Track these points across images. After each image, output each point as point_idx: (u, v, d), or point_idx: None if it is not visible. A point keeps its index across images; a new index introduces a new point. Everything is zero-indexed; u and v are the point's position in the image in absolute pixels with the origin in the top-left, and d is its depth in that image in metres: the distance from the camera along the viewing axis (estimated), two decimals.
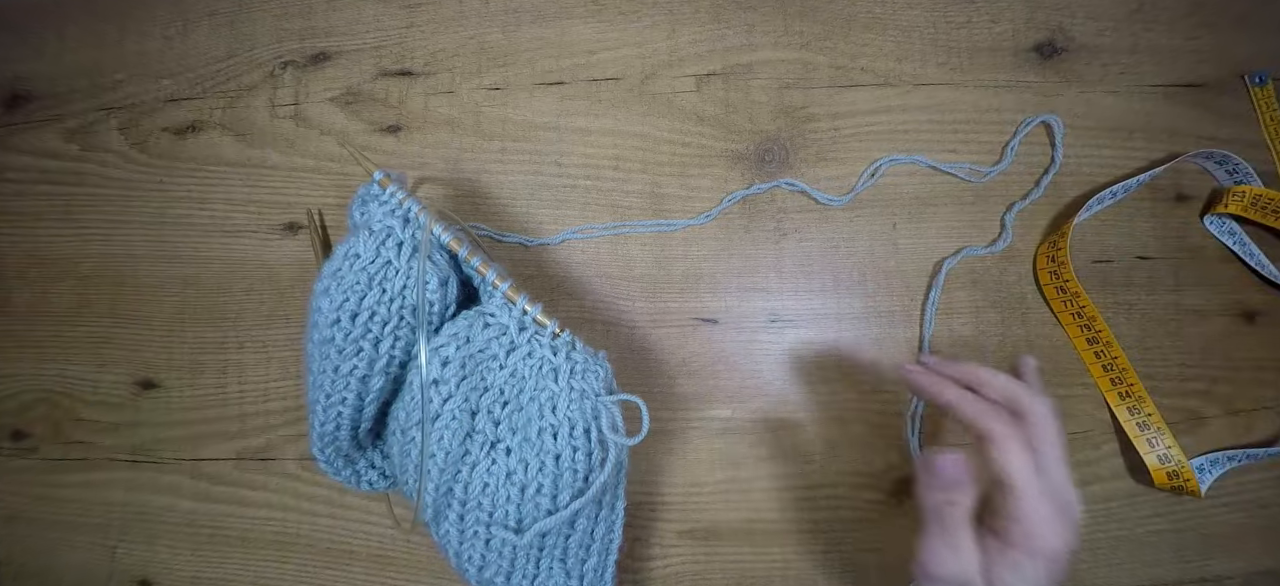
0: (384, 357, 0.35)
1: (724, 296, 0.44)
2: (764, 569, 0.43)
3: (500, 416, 0.33)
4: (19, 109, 0.49)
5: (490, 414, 0.33)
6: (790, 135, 0.45)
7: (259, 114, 0.47)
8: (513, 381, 0.33)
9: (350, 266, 0.33)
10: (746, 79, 0.46)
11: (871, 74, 0.46)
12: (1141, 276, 0.44)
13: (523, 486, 0.33)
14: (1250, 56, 0.46)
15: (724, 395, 0.44)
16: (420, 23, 0.47)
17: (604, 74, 0.46)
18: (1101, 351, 0.42)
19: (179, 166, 0.47)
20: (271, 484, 0.44)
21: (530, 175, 0.45)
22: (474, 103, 0.46)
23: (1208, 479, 0.41)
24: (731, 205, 0.45)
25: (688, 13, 0.47)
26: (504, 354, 0.33)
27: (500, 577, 0.35)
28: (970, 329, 0.44)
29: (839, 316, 0.44)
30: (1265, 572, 0.42)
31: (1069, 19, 0.46)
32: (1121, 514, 0.43)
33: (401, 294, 0.34)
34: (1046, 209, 0.45)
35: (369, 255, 0.33)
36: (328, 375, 0.35)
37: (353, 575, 0.44)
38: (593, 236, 0.45)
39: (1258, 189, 0.43)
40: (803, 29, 0.46)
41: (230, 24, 0.48)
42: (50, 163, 0.48)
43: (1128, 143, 0.45)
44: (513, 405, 0.33)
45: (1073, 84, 0.46)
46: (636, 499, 0.43)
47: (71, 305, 0.47)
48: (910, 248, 0.44)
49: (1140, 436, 0.42)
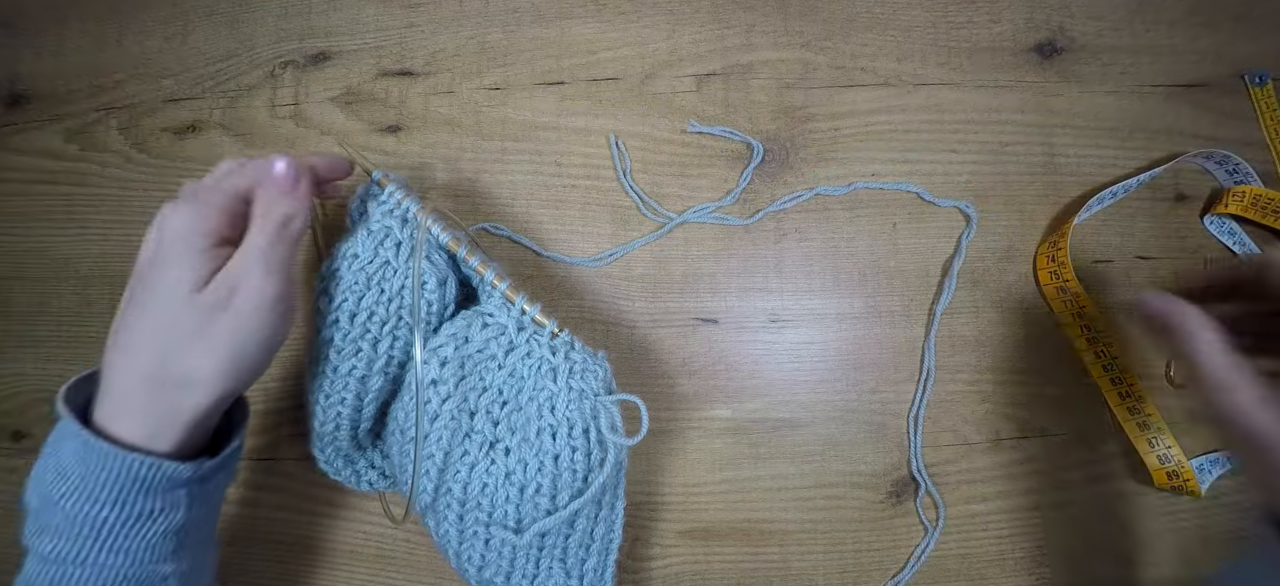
0: (382, 358, 0.35)
1: (724, 296, 0.44)
2: (764, 569, 0.43)
3: (499, 416, 0.33)
4: (19, 109, 0.49)
5: (489, 414, 0.33)
6: (790, 135, 0.45)
7: (259, 114, 0.47)
8: (511, 381, 0.33)
9: (348, 266, 0.33)
10: (746, 79, 0.46)
11: (871, 74, 0.46)
12: (1141, 276, 0.44)
13: (522, 486, 0.32)
14: (1250, 56, 0.46)
15: (724, 395, 0.44)
16: (420, 23, 0.47)
17: (604, 74, 0.46)
18: (1101, 351, 0.42)
19: (179, 166, 0.47)
20: (272, 484, 0.44)
21: (530, 175, 0.45)
22: (474, 103, 0.46)
23: (1208, 479, 0.41)
24: (730, 204, 0.45)
25: (688, 13, 0.47)
26: (502, 354, 0.33)
27: (500, 577, 0.35)
28: (970, 329, 0.44)
29: (839, 316, 0.44)
30: None
31: (1069, 19, 0.46)
32: (1121, 514, 0.42)
33: (400, 294, 0.34)
34: (1047, 209, 0.45)
35: (367, 255, 0.33)
36: (326, 375, 0.35)
37: (353, 575, 0.44)
38: (633, 248, 0.45)
39: (1258, 189, 0.43)
40: (803, 29, 0.46)
41: (230, 24, 0.48)
42: (50, 163, 0.48)
43: (1128, 143, 0.45)
44: (512, 405, 0.33)
45: (1073, 84, 0.46)
46: (636, 499, 0.43)
47: (71, 305, 0.47)
48: (910, 248, 0.44)
49: (1140, 436, 0.42)
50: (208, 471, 0.31)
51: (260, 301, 0.29)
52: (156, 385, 0.28)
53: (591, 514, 0.35)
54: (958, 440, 0.43)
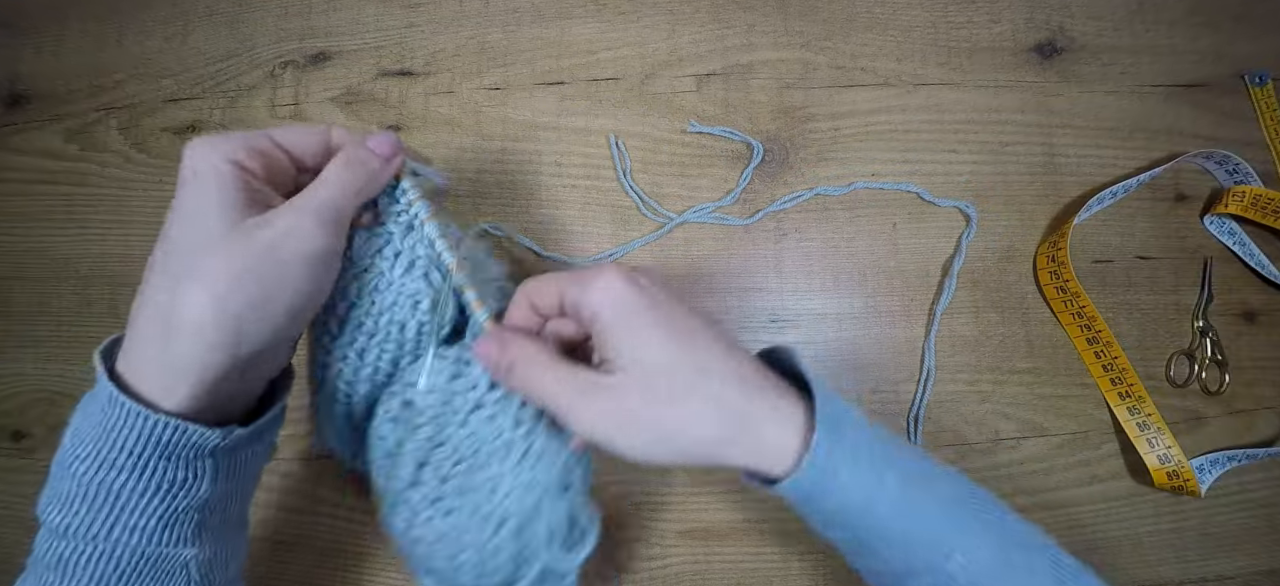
0: (369, 367, 0.32)
1: (724, 296, 0.44)
2: (764, 569, 0.43)
3: (448, 474, 0.29)
4: (19, 109, 0.49)
5: (438, 469, 0.29)
6: (790, 135, 0.45)
7: (259, 114, 0.47)
8: (470, 442, 0.29)
9: (344, 270, 0.30)
10: (746, 79, 0.46)
11: (871, 74, 0.46)
12: (1141, 276, 0.44)
13: (452, 556, 0.29)
14: (1250, 56, 0.46)
15: None
16: (420, 23, 0.47)
17: (604, 74, 0.46)
18: (1101, 351, 0.42)
19: (179, 166, 0.47)
20: (272, 484, 0.44)
21: (530, 175, 0.45)
22: (474, 103, 0.46)
23: (1208, 479, 0.41)
24: (731, 204, 0.45)
25: (688, 13, 0.47)
26: (467, 410, 0.29)
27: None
28: (970, 329, 0.44)
29: (839, 316, 0.44)
30: (1265, 572, 0.42)
31: (1069, 19, 0.46)
32: (1121, 514, 0.42)
33: (391, 309, 0.31)
34: (1047, 209, 0.45)
35: (363, 263, 0.30)
36: (319, 365, 0.33)
37: (354, 575, 0.44)
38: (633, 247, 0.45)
39: (1258, 189, 0.43)
40: (803, 29, 0.46)
41: (230, 24, 0.48)
42: (50, 163, 0.48)
43: (1128, 143, 0.45)
44: (464, 467, 0.29)
45: (1073, 84, 0.46)
46: (636, 499, 0.43)
47: (71, 305, 0.47)
48: (910, 248, 0.44)
49: (1140, 436, 0.42)
50: (236, 441, 0.27)
51: (309, 251, 0.26)
52: (164, 326, 0.25)
53: None
54: (957, 440, 0.43)
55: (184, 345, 0.24)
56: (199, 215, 0.25)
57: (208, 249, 0.25)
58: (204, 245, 0.25)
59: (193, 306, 0.24)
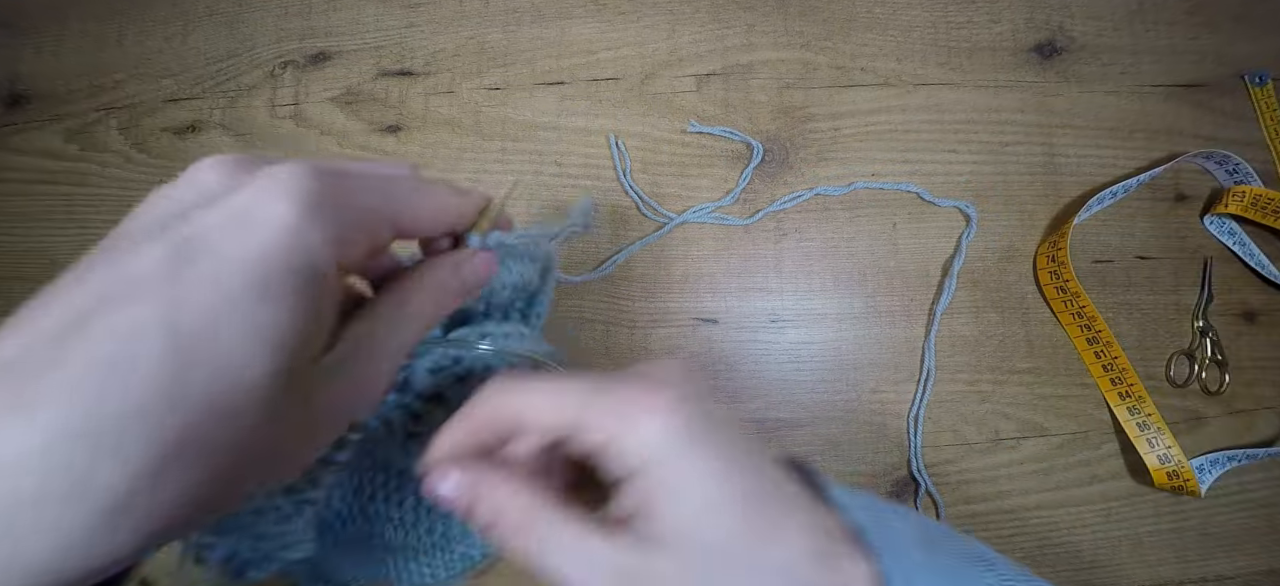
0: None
1: (724, 297, 0.44)
2: None
3: (378, 508, 0.25)
4: (19, 109, 0.49)
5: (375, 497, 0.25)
6: (790, 135, 0.45)
7: (259, 114, 0.47)
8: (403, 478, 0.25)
9: None
10: (746, 79, 0.46)
11: (871, 74, 0.46)
12: (1141, 276, 0.44)
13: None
14: (1250, 56, 0.46)
15: (724, 395, 0.43)
16: (420, 23, 0.47)
17: (604, 74, 0.46)
18: (1101, 351, 0.42)
19: (179, 166, 0.47)
20: None
21: (530, 175, 0.45)
22: (474, 103, 0.46)
23: (1208, 479, 0.41)
24: (731, 204, 0.45)
25: (688, 13, 0.47)
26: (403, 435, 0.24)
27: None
28: (970, 329, 0.44)
29: (839, 316, 0.44)
30: (1265, 572, 0.42)
31: (1069, 19, 0.46)
32: (1121, 514, 0.42)
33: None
34: (1047, 209, 0.45)
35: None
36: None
37: None
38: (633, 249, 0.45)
39: (1258, 189, 0.43)
40: (803, 29, 0.46)
41: (230, 24, 0.48)
42: (50, 163, 0.48)
43: (1128, 143, 0.45)
44: (392, 502, 0.25)
45: (1073, 84, 0.46)
46: None
47: None
48: (910, 248, 0.44)
49: (1140, 436, 0.42)
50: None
51: (350, 408, 0.18)
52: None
53: None
54: (957, 440, 0.43)
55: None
56: (237, 328, 0.15)
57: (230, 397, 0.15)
58: (225, 386, 0.15)
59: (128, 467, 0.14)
